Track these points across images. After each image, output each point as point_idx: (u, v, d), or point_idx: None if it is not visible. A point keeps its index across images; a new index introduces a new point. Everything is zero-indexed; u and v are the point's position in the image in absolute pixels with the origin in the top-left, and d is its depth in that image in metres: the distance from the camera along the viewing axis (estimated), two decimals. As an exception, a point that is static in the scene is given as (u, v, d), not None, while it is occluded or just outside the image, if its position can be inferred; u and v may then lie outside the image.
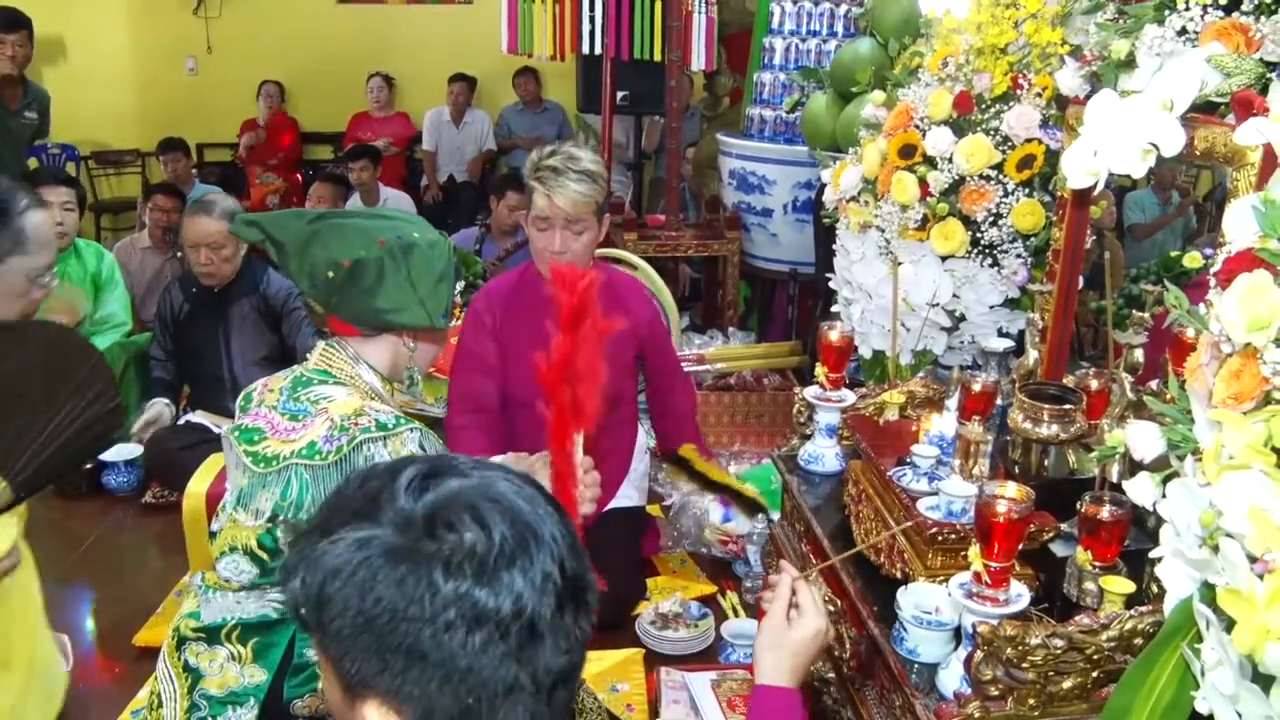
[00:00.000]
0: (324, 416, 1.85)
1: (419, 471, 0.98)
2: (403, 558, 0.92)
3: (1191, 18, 1.74)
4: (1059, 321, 2.37)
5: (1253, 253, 1.23)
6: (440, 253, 1.98)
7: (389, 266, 1.90)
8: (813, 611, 1.54)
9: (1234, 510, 1.11)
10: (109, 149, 8.29)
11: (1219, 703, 1.13)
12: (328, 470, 1.81)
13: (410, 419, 1.89)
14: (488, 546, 0.93)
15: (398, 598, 0.90)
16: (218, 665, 1.92)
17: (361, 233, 1.92)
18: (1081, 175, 1.83)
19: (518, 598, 0.92)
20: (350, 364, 1.97)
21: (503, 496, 0.97)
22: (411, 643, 0.91)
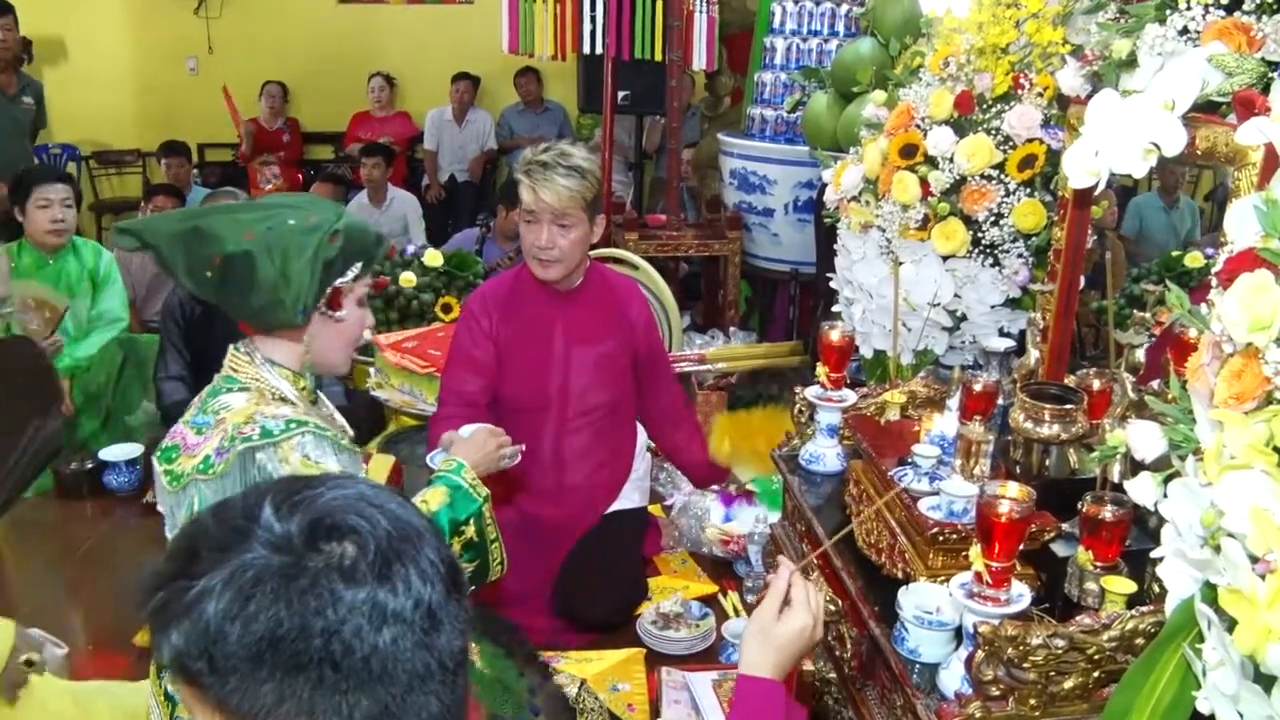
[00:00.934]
0: (220, 427, 1.80)
1: (279, 495, 0.96)
2: (294, 576, 0.90)
3: (1193, 17, 1.74)
4: (1060, 321, 2.37)
5: (1254, 252, 1.23)
6: (316, 238, 1.82)
7: (260, 260, 1.79)
8: (802, 608, 1.53)
9: (1235, 510, 1.11)
10: (110, 149, 8.30)
11: (1220, 703, 1.13)
12: (220, 483, 1.76)
13: (303, 423, 1.82)
14: (377, 548, 0.92)
15: (301, 615, 0.89)
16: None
17: (233, 226, 1.82)
18: (1083, 175, 1.83)
19: (414, 590, 0.93)
20: (254, 366, 1.91)
21: (370, 498, 0.97)
22: (321, 657, 0.89)
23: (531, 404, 2.95)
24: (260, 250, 1.79)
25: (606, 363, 3.00)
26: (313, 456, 1.79)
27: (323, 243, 1.82)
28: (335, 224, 1.86)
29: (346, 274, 1.90)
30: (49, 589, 3.33)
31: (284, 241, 1.80)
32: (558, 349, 2.94)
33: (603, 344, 2.99)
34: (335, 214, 1.90)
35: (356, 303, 1.97)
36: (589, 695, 2.21)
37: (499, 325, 2.94)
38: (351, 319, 1.96)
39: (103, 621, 3.10)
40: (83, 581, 3.36)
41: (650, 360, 3.13)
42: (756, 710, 1.47)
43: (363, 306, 2.00)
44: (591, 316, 2.98)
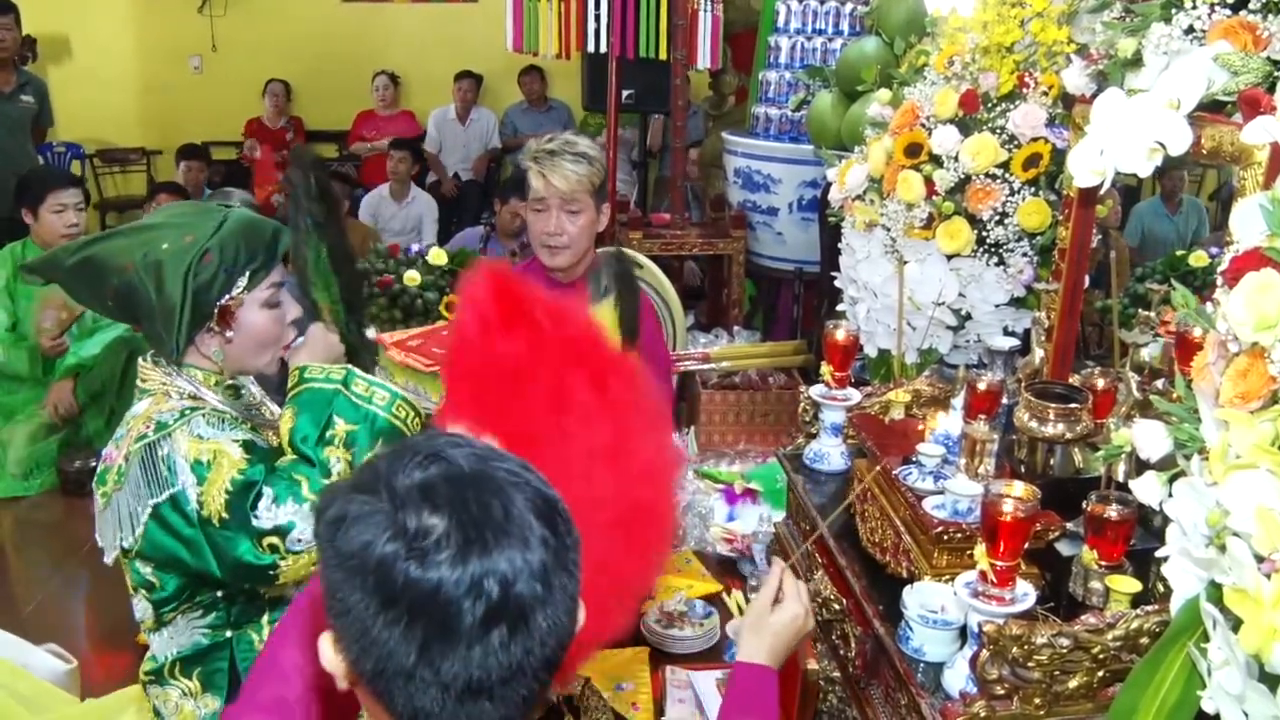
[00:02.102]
0: (128, 436, 1.78)
1: (423, 452, 0.99)
2: (373, 514, 0.95)
3: (1199, 16, 1.73)
4: (1065, 320, 2.36)
5: (1260, 251, 1.23)
6: (186, 262, 1.74)
7: (139, 290, 1.74)
8: (794, 598, 1.60)
9: (1241, 509, 1.11)
10: (114, 147, 8.31)
11: (1225, 702, 1.13)
12: (128, 488, 1.75)
13: (196, 409, 1.77)
14: (438, 531, 0.94)
15: (349, 546, 0.95)
16: (173, 705, 1.88)
17: (117, 254, 1.77)
18: (1088, 174, 1.83)
19: (437, 589, 0.92)
20: (161, 374, 1.83)
21: (489, 494, 0.97)
22: (344, 594, 0.95)
23: None
24: (138, 280, 1.74)
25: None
26: (202, 434, 1.74)
27: (192, 267, 1.74)
28: (209, 240, 1.76)
29: (233, 289, 1.80)
30: (53, 587, 3.33)
31: (158, 269, 1.74)
32: None
33: None
34: (214, 225, 1.79)
35: (261, 306, 1.85)
36: (593, 694, 2.22)
37: None
38: (256, 325, 1.85)
39: (106, 620, 3.10)
40: (86, 579, 3.36)
41: (648, 359, 3.12)
42: (749, 692, 1.53)
43: (274, 306, 1.87)
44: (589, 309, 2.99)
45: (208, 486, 1.71)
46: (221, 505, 1.71)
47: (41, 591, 3.29)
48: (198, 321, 1.78)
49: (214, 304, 1.79)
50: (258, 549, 1.71)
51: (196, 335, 1.81)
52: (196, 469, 1.72)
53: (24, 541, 3.76)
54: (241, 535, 1.71)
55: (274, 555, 1.72)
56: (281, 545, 1.71)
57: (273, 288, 1.87)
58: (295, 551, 1.72)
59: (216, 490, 1.71)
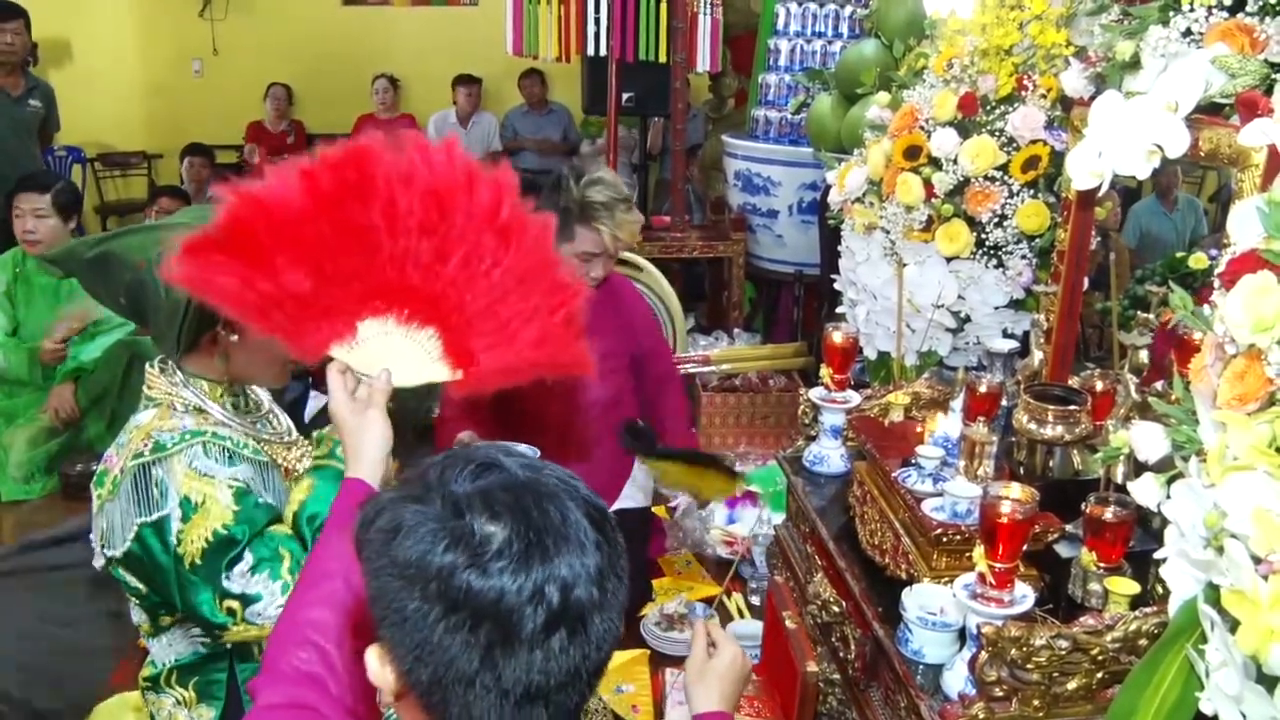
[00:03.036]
0: (128, 446, 1.77)
1: (476, 461, 1.02)
2: (429, 522, 0.97)
3: (1196, 19, 1.74)
4: (1064, 323, 2.37)
5: (1257, 254, 1.23)
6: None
7: (149, 288, 1.73)
8: (726, 643, 1.61)
9: (1238, 511, 1.11)
10: (115, 151, 8.31)
11: (1223, 704, 1.13)
12: (117, 503, 1.74)
13: (198, 433, 1.74)
14: (499, 539, 0.96)
15: (406, 555, 0.96)
16: (166, 713, 1.87)
17: (133, 251, 1.76)
18: (1086, 176, 1.83)
19: (500, 596, 0.94)
20: (167, 381, 1.82)
21: (546, 502, 1.00)
22: (401, 603, 0.96)
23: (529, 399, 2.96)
24: (149, 278, 1.73)
25: (604, 360, 2.99)
26: (200, 468, 1.72)
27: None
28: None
29: None
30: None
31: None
32: None
33: (601, 342, 2.98)
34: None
35: None
36: (593, 696, 2.22)
37: None
38: (267, 339, 1.79)
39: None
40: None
41: (651, 359, 3.14)
42: None
43: None
44: (591, 315, 2.97)
45: (189, 528, 1.69)
46: (197, 551, 1.69)
47: (42, 595, 3.30)
48: (204, 324, 1.76)
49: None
50: (216, 606, 1.70)
51: (203, 339, 1.79)
52: (185, 505, 1.70)
53: (25, 545, 3.76)
54: (205, 587, 1.69)
55: (229, 618, 1.70)
56: (240, 612, 1.69)
57: None
58: (250, 623, 1.70)
59: (196, 535, 1.69)
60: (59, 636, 3.08)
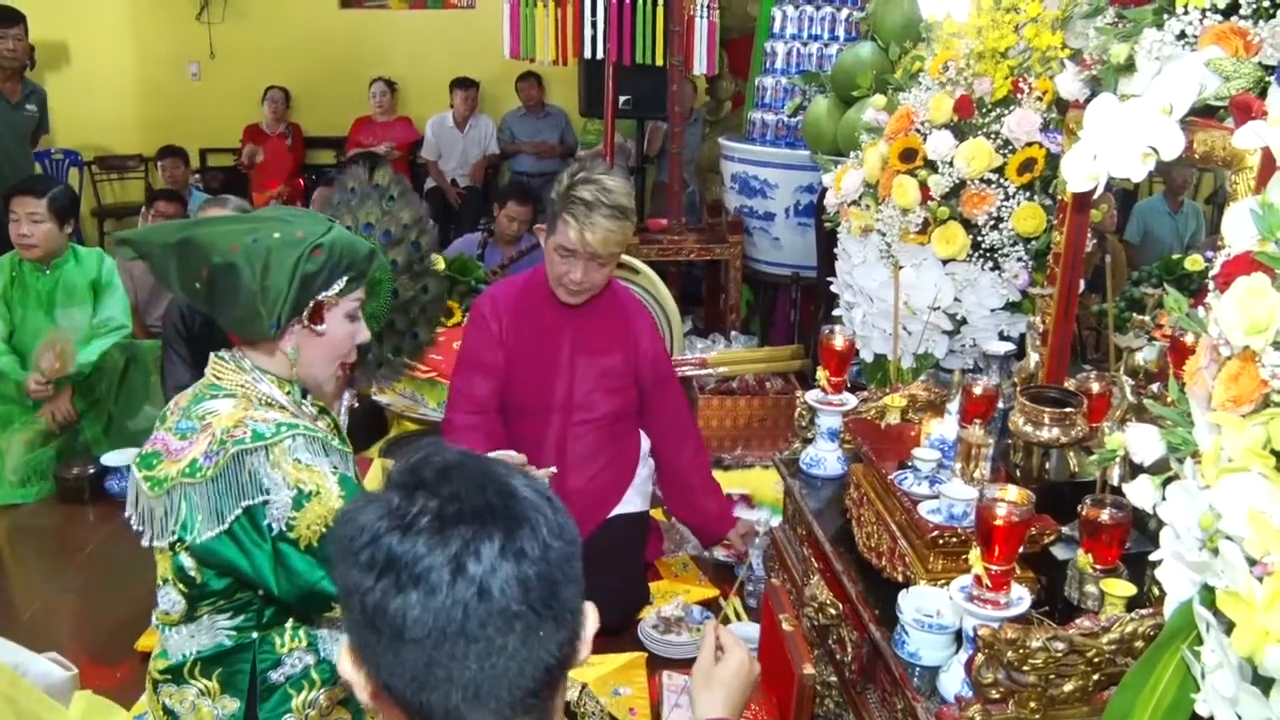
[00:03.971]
0: (207, 432, 1.78)
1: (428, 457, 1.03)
2: (373, 503, 0.99)
3: (1190, 22, 1.74)
4: (1060, 325, 2.37)
5: (1251, 256, 1.23)
6: (298, 251, 1.81)
7: (242, 272, 1.78)
8: (735, 648, 1.61)
9: (1233, 513, 1.11)
10: (112, 154, 8.30)
11: (1219, 705, 1.14)
12: (207, 486, 1.75)
13: (293, 426, 1.80)
14: (420, 506, 0.97)
15: (345, 531, 0.99)
16: (189, 704, 1.88)
17: (222, 237, 1.82)
18: (1081, 179, 1.83)
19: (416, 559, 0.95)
20: (240, 373, 1.88)
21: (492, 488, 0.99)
22: (344, 582, 0.98)
23: (536, 407, 2.96)
24: (243, 262, 1.78)
25: (611, 374, 3.00)
26: (304, 459, 1.78)
27: (304, 256, 1.81)
28: (320, 238, 1.84)
29: (331, 288, 1.86)
30: (50, 594, 3.33)
31: (266, 254, 1.79)
32: (564, 358, 2.95)
33: (608, 357, 3.00)
34: (324, 228, 1.87)
35: (345, 317, 1.92)
36: (590, 699, 2.21)
37: (508, 331, 2.95)
38: (337, 333, 1.92)
39: (104, 626, 3.10)
40: (84, 586, 3.36)
41: (655, 374, 3.12)
42: None
43: (354, 321, 1.95)
44: (599, 329, 2.98)
45: (304, 515, 1.76)
46: (314, 535, 1.76)
47: (39, 599, 3.29)
48: (297, 309, 1.84)
49: (313, 296, 1.84)
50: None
51: (286, 327, 1.86)
52: (298, 495, 1.76)
53: (22, 549, 3.75)
54: (320, 568, 1.76)
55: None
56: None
57: (357, 302, 1.94)
58: None
59: (313, 519, 1.76)
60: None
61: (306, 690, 1.89)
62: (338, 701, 1.91)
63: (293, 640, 1.89)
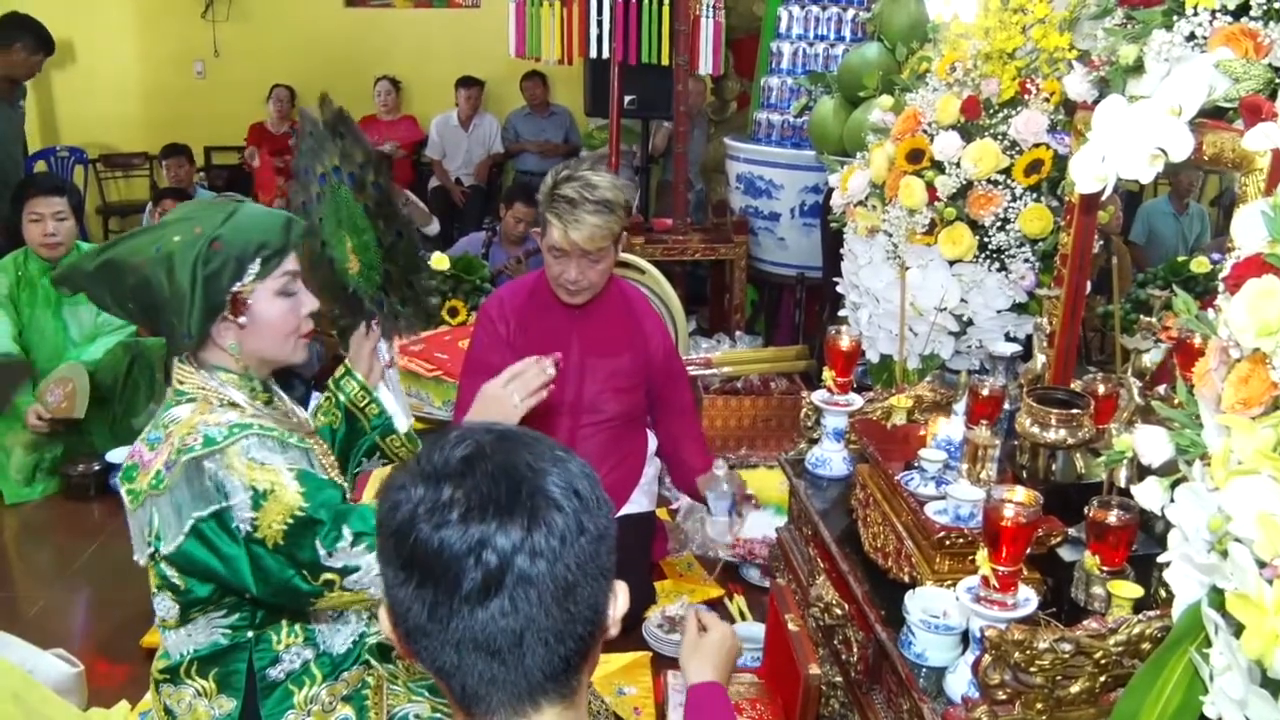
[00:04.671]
0: (169, 441, 1.76)
1: (454, 439, 1.08)
2: (404, 487, 1.04)
3: (1200, 23, 1.74)
4: (1067, 326, 2.37)
5: (1262, 258, 1.23)
6: (195, 252, 1.75)
7: (154, 283, 1.75)
8: (717, 624, 1.77)
9: (1243, 515, 1.11)
10: (117, 152, 8.31)
11: (1228, 708, 1.13)
12: (169, 496, 1.73)
13: (245, 426, 1.76)
14: (447, 497, 1.02)
15: (381, 513, 1.06)
16: (186, 704, 1.86)
17: (132, 253, 1.78)
18: (1090, 180, 1.83)
19: (441, 549, 1.00)
20: (198, 375, 1.84)
21: (504, 475, 1.03)
22: (382, 560, 1.07)
23: (544, 409, 2.95)
24: (151, 273, 1.75)
25: (620, 376, 2.99)
26: (258, 458, 1.74)
27: (200, 256, 1.75)
28: (218, 229, 1.78)
29: (244, 277, 1.79)
30: (56, 591, 3.34)
31: (169, 261, 1.75)
32: (573, 360, 2.94)
33: (617, 358, 2.98)
34: (222, 216, 1.80)
35: (274, 296, 1.85)
36: (595, 698, 2.22)
37: (516, 333, 2.94)
38: (270, 316, 1.85)
39: (110, 623, 3.10)
40: (90, 583, 3.37)
41: (667, 373, 3.10)
42: (708, 708, 1.64)
43: (289, 295, 1.87)
44: (607, 330, 2.97)
45: (264, 514, 1.72)
46: (278, 534, 1.72)
47: (44, 597, 3.29)
48: (212, 312, 1.79)
49: (225, 292, 1.79)
50: (309, 579, 1.73)
51: (213, 327, 1.81)
52: (254, 495, 1.72)
53: (27, 547, 3.76)
54: (291, 565, 1.73)
55: (324, 588, 1.74)
56: (339, 581, 1.74)
57: (286, 276, 1.87)
58: (347, 589, 1.75)
59: (275, 519, 1.72)
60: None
61: (308, 686, 1.88)
62: (341, 697, 1.91)
63: (289, 636, 1.88)
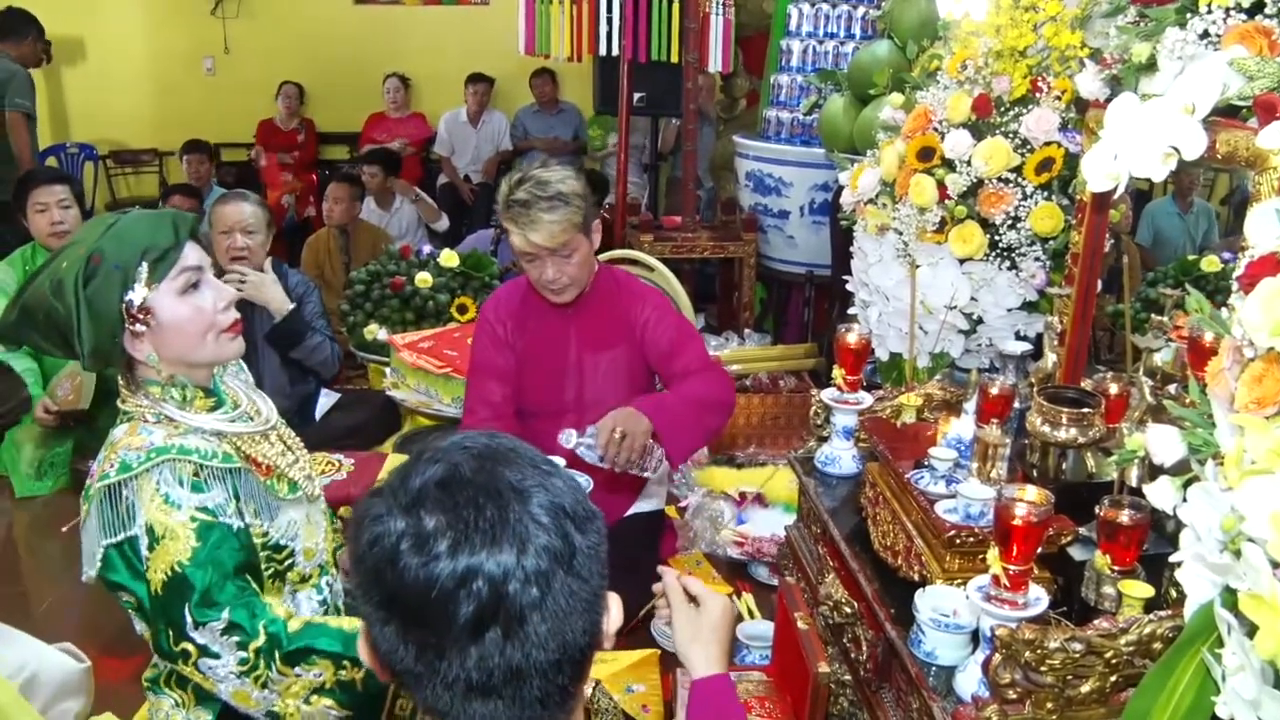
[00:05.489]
0: (101, 465, 1.74)
1: (430, 458, 1.04)
2: (381, 517, 1.00)
3: (1214, 21, 1.73)
4: (1077, 325, 2.36)
5: (1276, 257, 1.23)
6: (75, 270, 1.69)
7: (54, 313, 1.70)
8: (709, 593, 1.55)
9: (1256, 515, 1.11)
10: (127, 149, 8.33)
11: (1240, 708, 1.13)
12: (87, 523, 1.71)
13: (165, 449, 1.70)
14: (429, 531, 0.97)
15: (359, 547, 1.01)
16: (164, 714, 1.85)
17: (34, 293, 1.73)
18: (1102, 179, 1.83)
19: (428, 587, 0.96)
20: (134, 394, 1.80)
21: (485, 499, 0.99)
22: (360, 596, 1.02)
23: (548, 410, 2.95)
24: (50, 305, 1.71)
25: (619, 368, 2.97)
26: (168, 494, 1.69)
27: (79, 274, 1.69)
28: (96, 242, 1.72)
29: (133, 285, 1.72)
30: (66, 586, 3.34)
31: (58, 288, 1.70)
32: (571, 358, 2.93)
33: (613, 349, 2.96)
34: (102, 228, 1.75)
35: (178, 294, 1.77)
36: (604, 696, 2.21)
37: (514, 334, 2.93)
38: (178, 316, 1.77)
39: (118, 619, 3.09)
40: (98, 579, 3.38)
41: (669, 348, 2.95)
42: (717, 707, 1.50)
43: (195, 289, 1.79)
44: (601, 323, 2.95)
45: (154, 557, 1.68)
46: (159, 582, 1.67)
47: (54, 591, 3.30)
48: (108, 328, 1.73)
49: (117, 305, 1.72)
50: (170, 640, 1.68)
51: (125, 343, 1.76)
52: (150, 534, 1.68)
53: (37, 541, 3.77)
54: (162, 618, 1.69)
55: (180, 657, 1.69)
56: (195, 656, 1.68)
57: (186, 273, 1.79)
58: (199, 670, 1.69)
59: (160, 565, 1.67)
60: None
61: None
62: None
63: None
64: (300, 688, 1.71)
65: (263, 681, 1.69)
